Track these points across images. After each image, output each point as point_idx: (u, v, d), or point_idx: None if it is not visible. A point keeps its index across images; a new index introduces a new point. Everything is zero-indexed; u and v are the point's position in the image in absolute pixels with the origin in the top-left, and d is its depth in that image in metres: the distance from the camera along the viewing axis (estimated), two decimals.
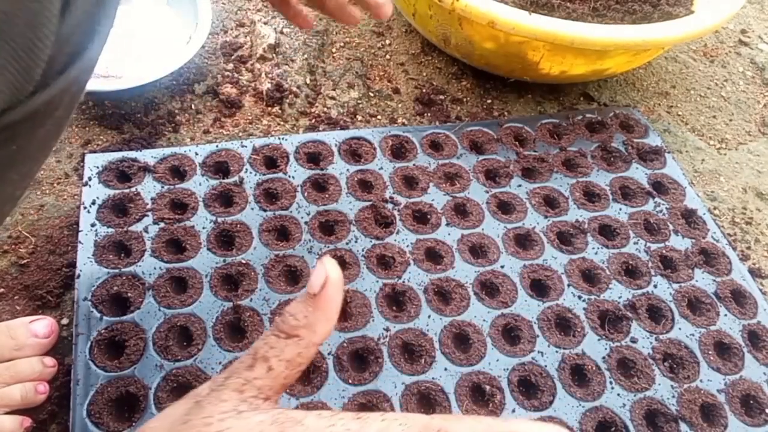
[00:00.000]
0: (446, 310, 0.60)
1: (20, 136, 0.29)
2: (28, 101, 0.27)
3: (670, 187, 0.74)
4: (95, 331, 0.55)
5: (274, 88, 0.81)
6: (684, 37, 0.75)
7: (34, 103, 0.27)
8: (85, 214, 0.63)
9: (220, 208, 0.65)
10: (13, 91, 0.25)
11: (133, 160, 0.67)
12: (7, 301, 0.60)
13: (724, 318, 0.64)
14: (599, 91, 0.90)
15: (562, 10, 0.77)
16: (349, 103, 0.83)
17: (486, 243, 0.66)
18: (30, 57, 0.25)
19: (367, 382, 0.55)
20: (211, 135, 0.77)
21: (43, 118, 0.30)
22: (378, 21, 0.94)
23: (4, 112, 0.26)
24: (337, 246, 0.64)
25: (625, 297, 0.64)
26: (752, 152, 0.87)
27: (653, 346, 0.61)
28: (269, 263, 0.61)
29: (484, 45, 0.78)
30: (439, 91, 0.86)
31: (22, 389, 0.53)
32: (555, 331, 0.60)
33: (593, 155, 0.77)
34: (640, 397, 0.57)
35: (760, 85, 0.97)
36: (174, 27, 0.85)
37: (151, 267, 0.60)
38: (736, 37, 1.04)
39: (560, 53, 0.75)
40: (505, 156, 0.75)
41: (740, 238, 0.76)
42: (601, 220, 0.70)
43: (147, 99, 0.78)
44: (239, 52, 0.86)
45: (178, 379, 0.53)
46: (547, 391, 0.56)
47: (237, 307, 0.58)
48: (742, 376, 0.60)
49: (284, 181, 0.68)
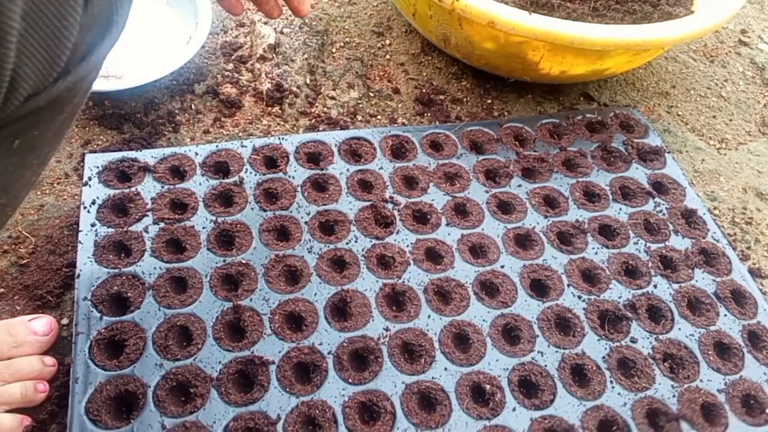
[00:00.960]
0: (446, 310, 0.60)
1: (42, 121, 0.30)
2: (53, 87, 0.28)
3: (670, 187, 0.74)
4: (95, 331, 0.55)
5: (274, 88, 0.81)
6: (684, 37, 0.75)
7: (58, 90, 0.28)
8: (85, 214, 0.63)
9: (220, 208, 0.65)
10: (39, 77, 0.26)
11: (133, 160, 0.67)
12: (7, 301, 0.60)
13: (724, 318, 0.64)
14: (599, 91, 0.90)
15: (562, 10, 0.77)
16: (349, 103, 0.83)
17: (486, 243, 0.66)
18: (57, 45, 0.26)
19: (367, 381, 0.55)
20: (211, 135, 0.77)
21: (63, 104, 0.30)
22: (377, 22, 0.94)
23: (30, 97, 0.27)
24: (337, 246, 0.64)
25: (625, 297, 0.64)
26: (752, 152, 0.87)
27: (653, 346, 0.61)
28: (269, 263, 0.61)
29: (484, 45, 0.78)
30: (439, 91, 0.86)
31: (22, 387, 0.53)
32: (555, 331, 0.60)
33: (593, 155, 0.77)
34: (641, 397, 0.57)
35: (760, 85, 0.97)
36: (174, 27, 0.85)
37: (151, 267, 0.60)
38: (736, 37, 1.04)
39: (560, 53, 0.75)
40: (505, 156, 0.75)
41: (740, 238, 0.76)
42: (601, 220, 0.70)
43: (147, 99, 0.78)
44: (239, 52, 0.86)
45: (177, 377, 0.53)
46: (547, 390, 0.56)
47: (237, 307, 0.58)
48: (742, 376, 0.60)
49: (284, 181, 0.68)
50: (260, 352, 0.55)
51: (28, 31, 0.24)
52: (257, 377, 0.54)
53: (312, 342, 0.57)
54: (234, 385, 0.54)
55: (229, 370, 0.54)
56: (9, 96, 0.25)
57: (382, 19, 0.96)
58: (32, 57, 0.25)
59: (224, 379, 0.54)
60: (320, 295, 0.60)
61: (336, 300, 0.60)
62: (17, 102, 0.26)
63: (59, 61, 0.27)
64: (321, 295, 0.60)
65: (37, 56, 0.25)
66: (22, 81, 0.25)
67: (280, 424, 0.52)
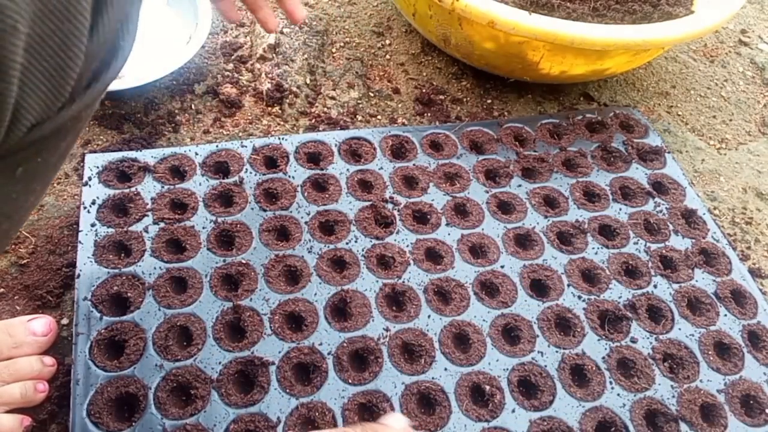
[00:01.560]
0: (446, 310, 0.60)
1: (46, 149, 0.30)
2: (56, 116, 0.28)
3: (670, 187, 0.74)
4: (95, 331, 0.55)
5: (274, 88, 0.81)
6: (684, 37, 0.74)
7: (62, 118, 0.28)
8: (85, 214, 0.63)
9: (220, 208, 0.65)
10: (44, 108, 0.26)
11: (133, 160, 0.67)
12: (7, 301, 0.60)
13: (724, 318, 0.64)
14: (599, 91, 0.90)
15: (562, 10, 0.77)
16: (349, 103, 0.83)
17: (486, 243, 0.66)
18: (61, 75, 0.26)
19: (367, 382, 0.55)
20: (211, 135, 0.77)
21: (67, 131, 0.31)
22: (377, 22, 0.94)
23: (33, 127, 0.27)
24: (337, 246, 0.64)
25: (625, 297, 0.64)
26: (752, 152, 0.87)
27: (653, 346, 0.61)
28: (269, 263, 0.61)
29: (484, 45, 0.78)
30: (439, 91, 0.86)
31: (22, 387, 0.53)
32: (555, 331, 0.60)
33: (593, 155, 0.77)
34: (640, 397, 0.57)
35: (760, 85, 0.97)
36: (174, 27, 0.85)
37: (151, 267, 0.60)
38: (736, 37, 1.04)
39: (560, 53, 0.75)
40: (505, 156, 0.75)
41: (740, 238, 0.76)
42: (601, 220, 0.70)
43: (147, 99, 0.78)
44: (239, 52, 0.86)
45: (177, 378, 0.53)
46: (547, 391, 0.56)
47: (237, 307, 0.58)
48: (742, 376, 0.60)
49: (284, 181, 0.68)
50: (260, 353, 0.55)
51: (31, 63, 0.24)
52: (257, 378, 0.54)
53: (312, 342, 0.57)
54: (234, 386, 0.54)
55: (230, 371, 0.54)
56: (12, 127, 0.25)
57: (382, 19, 0.96)
58: (36, 89, 0.25)
59: (224, 380, 0.54)
60: (320, 295, 0.60)
61: (336, 300, 0.60)
62: (20, 133, 0.26)
63: (64, 91, 0.27)
64: (321, 295, 0.60)
65: (42, 87, 0.25)
66: (26, 112, 0.25)
67: (280, 427, 0.52)
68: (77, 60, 0.26)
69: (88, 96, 0.29)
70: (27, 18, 0.23)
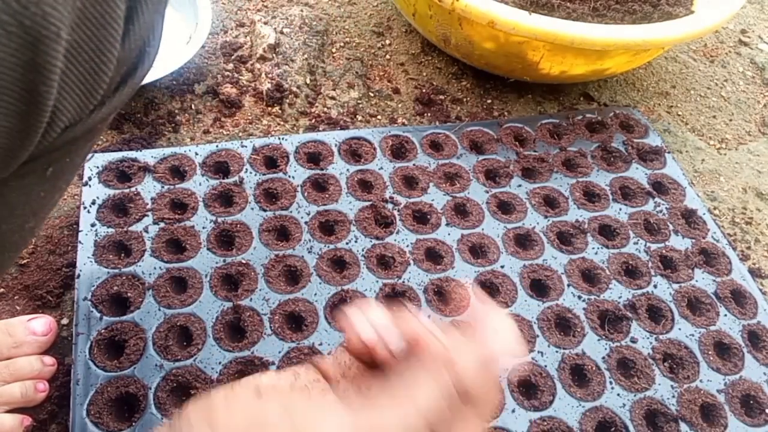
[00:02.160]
0: (446, 310, 0.60)
1: (75, 150, 0.32)
2: (88, 119, 0.29)
3: (670, 187, 0.74)
4: (95, 331, 0.55)
5: (274, 88, 0.81)
6: (684, 37, 0.74)
7: (93, 120, 0.30)
8: (85, 214, 0.63)
9: (220, 208, 0.65)
10: (77, 110, 0.28)
11: (133, 160, 0.67)
12: (7, 300, 0.60)
13: (724, 318, 0.64)
14: (599, 91, 0.90)
15: (562, 10, 0.77)
16: (349, 103, 0.83)
17: (486, 243, 0.66)
18: (95, 80, 0.27)
19: None
20: (211, 135, 0.77)
21: (95, 132, 0.32)
22: (377, 22, 0.94)
23: (67, 128, 0.28)
24: (337, 246, 0.64)
25: (625, 297, 0.64)
26: (752, 152, 0.87)
27: (653, 346, 0.61)
28: (269, 263, 0.61)
29: (484, 45, 0.78)
30: (439, 91, 0.86)
31: (22, 387, 0.53)
32: (555, 331, 0.60)
33: (593, 155, 0.77)
34: (640, 397, 0.57)
35: (760, 85, 0.97)
36: (174, 27, 0.85)
37: (151, 267, 0.60)
38: (736, 37, 1.04)
39: (560, 53, 0.75)
40: (505, 156, 0.75)
41: (740, 238, 0.76)
42: (601, 220, 0.70)
43: (147, 99, 0.78)
44: (239, 52, 0.86)
45: (177, 378, 0.53)
46: (547, 391, 0.56)
47: (237, 307, 0.58)
48: (742, 376, 0.60)
49: (284, 181, 0.68)
50: (260, 353, 0.55)
51: (69, 67, 0.25)
52: None
53: (312, 342, 0.57)
54: None
55: (230, 371, 0.54)
56: (48, 129, 0.27)
57: (382, 19, 0.96)
58: (72, 92, 0.27)
59: (224, 380, 0.54)
60: (320, 295, 0.60)
61: (336, 300, 0.60)
62: (55, 134, 0.27)
63: (96, 94, 0.28)
64: (321, 295, 0.60)
65: (77, 91, 0.27)
66: (62, 114, 0.27)
67: None
68: (110, 65, 0.28)
69: (117, 99, 0.31)
70: (68, 25, 0.24)
